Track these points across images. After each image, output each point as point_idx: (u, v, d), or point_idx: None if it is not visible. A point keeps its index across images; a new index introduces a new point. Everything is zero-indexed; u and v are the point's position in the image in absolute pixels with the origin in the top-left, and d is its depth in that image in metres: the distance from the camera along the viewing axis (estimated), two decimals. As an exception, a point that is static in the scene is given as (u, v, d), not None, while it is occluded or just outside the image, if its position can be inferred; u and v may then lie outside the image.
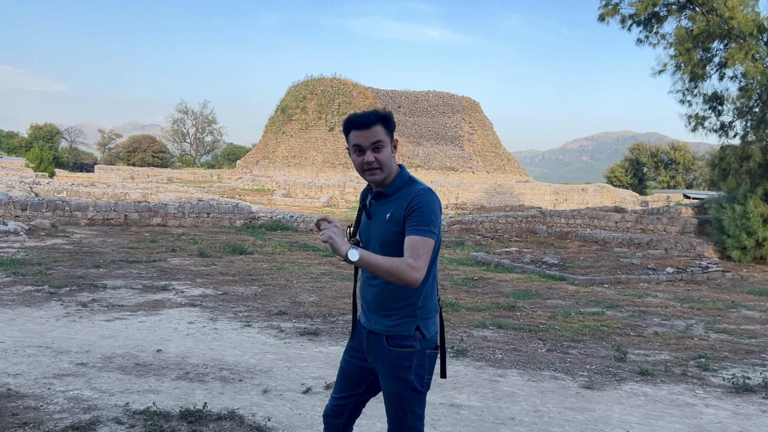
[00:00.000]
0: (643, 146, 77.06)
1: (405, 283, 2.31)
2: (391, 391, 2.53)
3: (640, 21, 16.38)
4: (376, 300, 2.53)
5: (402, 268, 2.29)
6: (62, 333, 6.02)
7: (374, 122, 2.47)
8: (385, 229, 2.47)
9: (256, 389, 4.62)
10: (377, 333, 2.53)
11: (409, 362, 2.47)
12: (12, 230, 14.37)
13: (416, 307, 2.48)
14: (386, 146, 2.48)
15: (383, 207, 2.52)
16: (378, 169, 2.47)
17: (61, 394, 4.33)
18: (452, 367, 5.38)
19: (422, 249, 2.34)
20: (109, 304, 7.49)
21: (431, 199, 2.44)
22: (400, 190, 2.50)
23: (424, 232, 2.37)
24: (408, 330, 2.47)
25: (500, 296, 9.35)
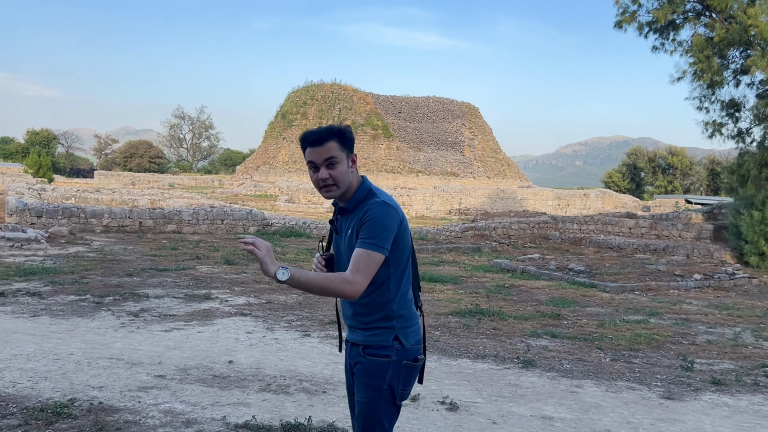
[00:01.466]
0: (640, 151, 77.48)
1: (341, 296, 2.31)
2: (362, 400, 2.50)
3: (658, 28, 16.48)
4: (353, 315, 2.53)
5: (335, 282, 2.29)
6: (126, 344, 5.99)
7: (327, 138, 2.44)
8: (349, 244, 2.47)
9: (343, 401, 4.60)
10: (357, 344, 2.53)
11: (383, 372, 2.44)
12: (33, 238, 14.29)
13: (392, 317, 2.46)
14: (341, 162, 2.44)
15: (347, 222, 2.51)
16: (333, 185, 2.46)
17: (154, 407, 4.31)
18: (527, 378, 5.38)
19: (363, 262, 2.32)
20: (159, 314, 7.45)
21: (384, 212, 2.41)
22: (361, 203, 2.48)
23: (368, 245, 2.35)
24: (385, 340, 2.46)
25: (539, 304, 9.36)
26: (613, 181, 73.75)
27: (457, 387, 5.04)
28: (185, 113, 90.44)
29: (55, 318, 7.00)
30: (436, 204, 40.13)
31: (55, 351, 5.61)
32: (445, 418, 4.33)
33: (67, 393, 4.50)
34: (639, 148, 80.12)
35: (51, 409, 4.13)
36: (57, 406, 4.18)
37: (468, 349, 6.30)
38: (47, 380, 4.77)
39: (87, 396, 4.46)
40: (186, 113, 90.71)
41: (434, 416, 4.36)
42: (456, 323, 7.58)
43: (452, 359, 5.92)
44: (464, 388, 5.01)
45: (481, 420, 4.31)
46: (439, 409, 4.49)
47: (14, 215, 16.89)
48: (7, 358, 5.30)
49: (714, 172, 67.32)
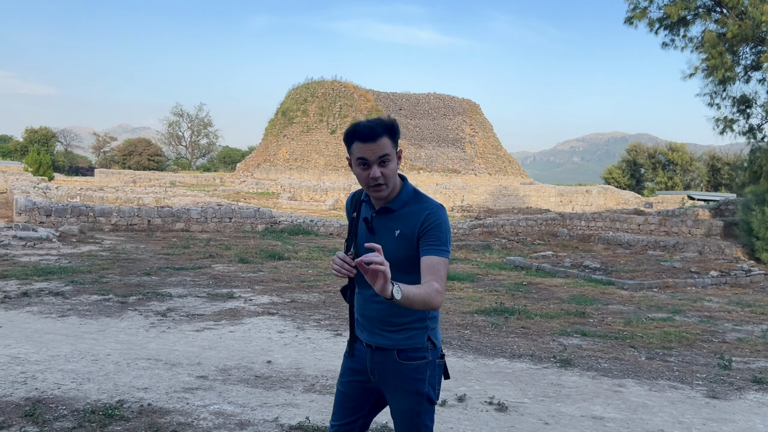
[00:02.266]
0: (640, 147, 77.50)
1: (432, 308, 2.25)
2: (404, 408, 2.41)
3: (668, 25, 16.45)
4: (381, 317, 2.40)
5: (433, 296, 2.20)
6: (161, 344, 5.95)
7: (381, 134, 2.29)
8: (396, 246, 2.34)
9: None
10: (386, 349, 2.40)
11: (423, 374, 2.38)
12: (44, 237, 14.23)
13: (427, 317, 2.41)
14: (393, 159, 2.33)
15: (390, 222, 2.38)
16: (384, 185, 2.33)
17: (203, 408, 4.28)
18: (568, 378, 5.36)
19: (443, 270, 2.28)
20: (186, 313, 7.42)
21: (445, 216, 2.37)
22: (407, 205, 2.38)
23: (442, 252, 2.29)
24: (420, 342, 2.39)
25: (561, 302, 9.34)
26: (613, 177, 73.74)
27: (500, 387, 5.02)
28: (184, 111, 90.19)
29: (83, 318, 6.95)
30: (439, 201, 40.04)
31: (92, 352, 5.57)
32: (495, 419, 4.31)
33: (114, 394, 4.47)
34: (639, 144, 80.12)
35: (101, 410, 4.10)
36: (107, 407, 4.15)
37: (502, 349, 6.27)
38: (90, 381, 4.74)
39: (134, 397, 4.43)
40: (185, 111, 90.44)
41: (485, 417, 4.33)
42: (484, 322, 7.56)
43: (489, 359, 5.89)
44: (508, 388, 4.99)
45: (532, 420, 4.29)
46: (488, 410, 4.47)
47: (23, 214, 16.82)
48: (45, 359, 5.26)
49: (714, 168, 67.40)
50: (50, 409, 4.13)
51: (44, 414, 4.03)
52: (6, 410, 4.08)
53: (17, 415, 4.01)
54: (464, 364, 5.65)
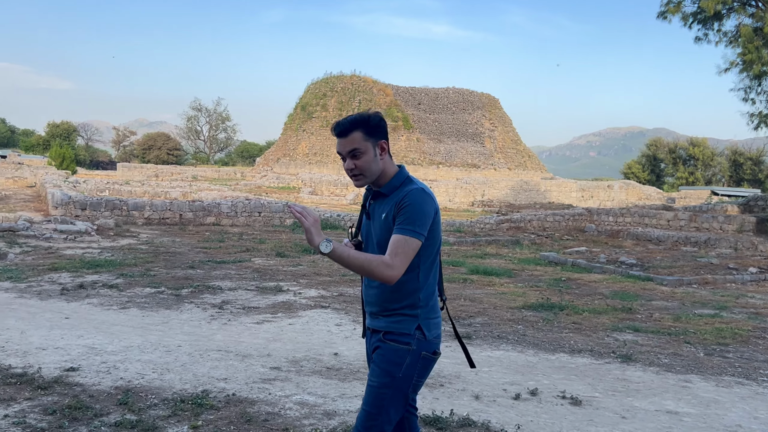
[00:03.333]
0: (660, 142, 76.82)
1: (378, 279, 2.33)
2: (373, 384, 2.48)
3: (702, 19, 16.33)
4: (377, 302, 2.53)
5: (375, 264, 2.31)
6: (227, 336, 6.08)
7: (350, 129, 2.48)
8: (382, 229, 2.48)
9: (464, 395, 4.67)
10: (378, 331, 2.52)
11: (401, 359, 2.43)
12: (84, 230, 14.46)
13: (417, 307, 2.47)
14: (366, 152, 2.47)
15: (381, 207, 2.53)
16: (360, 175, 2.50)
17: (286, 399, 4.39)
18: (632, 373, 5.42)
19: (401, 248, 2.34)
20: (242, 306, 7.55)
21: (422, 199, 2.43)
22: (397, 189, 2.50)
23: (407, 232, 2.36)
24: (408, 328, 2.45)
25: (604, 298, 9.36)
26: (633, 172, 73.18)
27: (568, 382, 5.09)
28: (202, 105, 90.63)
29: (144, 310, 7.11)
30: (459, 196, 40.09)
31: (162, 343, 5.71)
32: (572, 412, 4.38)
33: (196, 384, 4.59)
34: (659, 138, 79.45)
35: (191, 400, 4.22)
36: (195, 397, 4.27)
37: (560, 344, 6.34)
38: (170, 372, 4.87)
39: (216, 387, 4.55)
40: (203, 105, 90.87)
41: (561, 410, 4.41)
42: (534, 317, 7.62)
43: (550, 354, 5.96)
44: (576, 383, 5.06)
45: (609, 414, 4.36)
46: (562, 404, 4.54)
47: (60, 207, 17.09)
48: (120, 350, 5.41)
49: (737, 163, 66.68)
50: (141, 398, 4.27)
51: (137, 402, 4.16)
52: (99, 398, 4.22)
53: (111, 403, 4.15)
54: (527, 359, 5.72)
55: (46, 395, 4.22)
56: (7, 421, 3.78)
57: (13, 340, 5.57)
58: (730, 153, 69.20)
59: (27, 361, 4.97)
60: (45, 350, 5.30)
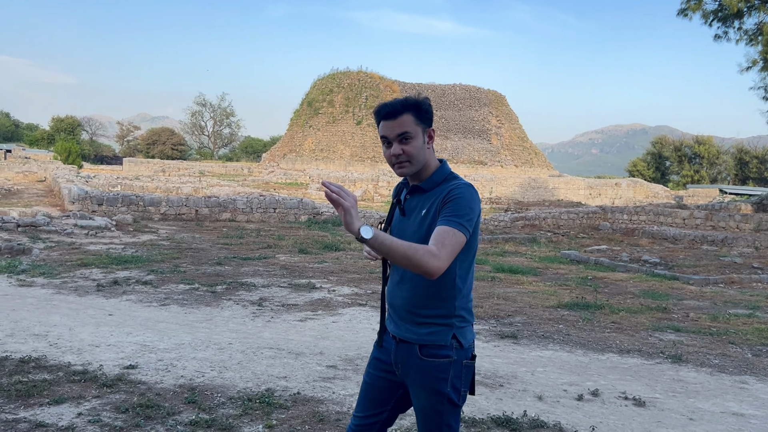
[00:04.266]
0: (665, 140, 76.72)
1: (422, 271, 2.08)
2: (425, 406, 2.31)
3: (722, 17, 16.27)
4: (406, 306, 2.32)
5: (421, 253, 2.06)
6: (274, 334, 6.07)
7: (401, 111, 2.27)
8: (420, 225, 2.28)
9: (526, 395, 4.65)
10: (408, 342, 2.31)
11: (445, 374, 2.27)
12: (103, 226, 14.45)
13: (453, 315, 2.29)
14: (416, 137, 2.27)
15: (419, 203, 2.33)
16: (407, 162, 2.28)
17: (351, 398, 4.37)
18: (686, 374, 5.40)
19: (449, 240, 2.12)
20: (280, 303, 7.54)
21: (470, 194, 2.24)
22: (439, 185, 2.31)
23: (454, 224, 2.15)
24: (444, 339, 2.27)
25: (635, 297, 9.34)
26: (638, 170, 73.11)
27: (625, 382, 5.07)
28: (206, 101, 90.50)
29: (184, 307, 7.09)
30: (467, 193, 40.00)
31: (212, 340, 5.69)
32: (639, 413, 4.36)
33: (258, 383, 4.58)
34: (664, 136, 79.32)
35: (257, 398, 4.21)
36: (261, 396, 4.26)
37: (606, 344, 6.32)
38: (228, 370, 4.85)
39: (278, 386, 4.53)
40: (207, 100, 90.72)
41: (627, 411, 4.39)
42: (572, 316, 7.60)
43: (599, 353, 5.94)
44: (633, 384, 5.04)
45: (675, 416, 4.34)
46: (626, 404, 4.53)
47: (76, 203, 17.08)
48: (173, 348, 5.39)
49: (742, 161, 66.59)
50: (207, 396, 4.25)
51: (204, 401, 4.14)
52: (166, 397, 4.20)
53: (179, 401, 4.13)
54: (578, 359, 5.70)
55: (113, 393, 4.21)
56: (82, 419, 3.77)
57: (64, 337, 5.55)
58: (736, 151, 69.08)
59: (84, 358, 4.96)
60: (98, 347, 5.28)
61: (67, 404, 3.97)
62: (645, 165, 74.79)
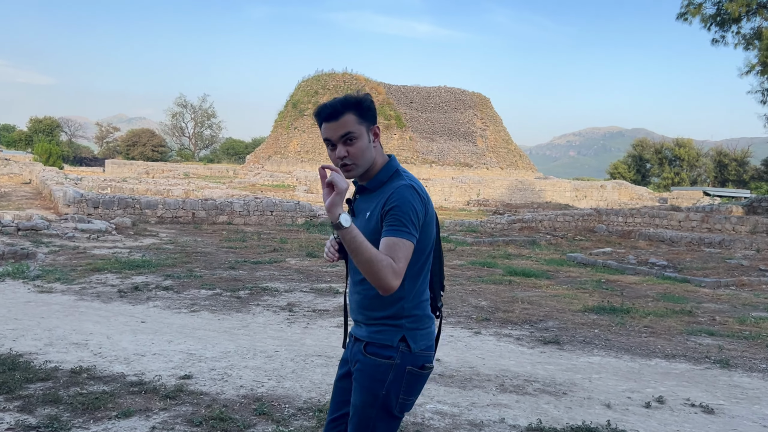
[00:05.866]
0: (646, 142, 77.67)
1: (379, 283, 2.04)
2: (356, 404, 2.25)
3: (720, 21, 16.46)
4: (359, 307, 2.30)
5: (384, 265, 2.01)
6: (316, 341, 5.95)
7: (342, 112, 2.19)
8: (365, 228, 2.18)
9: (593, 403, 4.59)
10: (359, 340, 2.29)
11: (383, 375, 2.20)
12: (104, 229, 14.17)
13: (402, 316, 2.22)
14: (360, 137, 2.20)
15: (366, 204, 2.27)
16: (353, 165, 2.21)
17: (419, 407, 4.27)
18: (740, 379, 5.38)
19: (402, 252, 2.06)
20: (310, 308, 7.41)
21: (411, 196, 2.15)
22: (384, 184, 2.23)
23: (402, 233, 2.09)
24: (390, 339, 2.21)
25: (654, 300, 9.35)
26: (619, 172, 73.90)
27: (684, 388, 5.03)
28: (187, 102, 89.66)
29: (215, 313, 6.93)
30: (455, 195, 40.13)
31: (256, 348, 5.56)
32: (711, 421, 4.33)
33: (321, 392, 4.46)
34: (644, 139, 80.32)
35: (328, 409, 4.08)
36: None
37: (649, 348, 6.29)
38: (285, 379, 4.73)
39: (342, 397, 4.41)
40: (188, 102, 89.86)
41: (699, 419, 4.35)
42: (603, 321, 7.57)
43: (646, 359, 5.91)
44: (692, 390, 5.01)
45: (748, 423, 4.31)
46: (696, 412, 4.49)
47: (72, 206, 16.74)
48: (220, 356, 5.24)
49: (721, 164, 67.64)
50: (275, 407, 4.12)
51: (275, 413, 4.02)
52: (234, 408, 4.07)
53: (249, 413, 4.00)
54: (628, 365, 5.66)
55: (178, 405, 4.06)
56: (158, 433, 3.62)
57: (105, 346, 5.37)
58: (715, 154, 70.18)
59: (134, 368, 4.79)
60: (144, 356, 5.12)
61: (136, 417, 3.82)
62: (626, 167, 75.62)
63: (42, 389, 4.19)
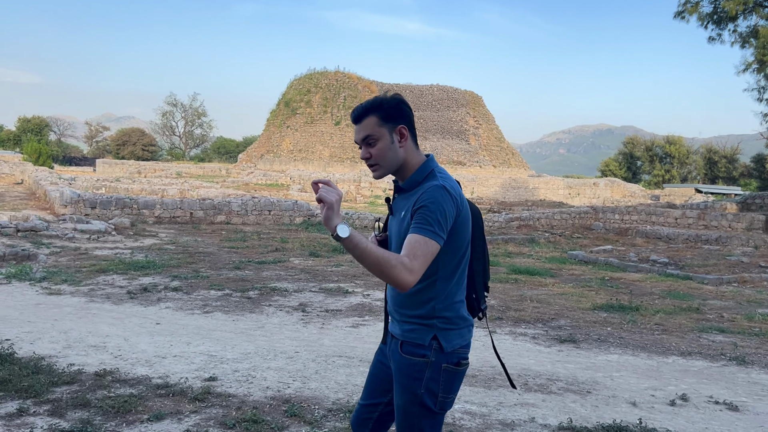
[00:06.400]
0: (637, 140, 78.07)
1: (393, 283, 2.06)
2: (399, 404, 2.29)
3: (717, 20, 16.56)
4: (394, 305, 2.35)
5: (393, 263, 2.03)
6: (334, 341, 5.93)
7: (364, 115, 2.27)
8: (400, 227, 2.26)
9: (618, 401, 4.61)
10: (395, 338, 2.34)
11: (420, 374, 2.23)
12: (103, 230, 14.07)
13: (433, 316, 2.24)
14: (380, 139, 2.25)
15: (402, 203, 2.31)
16: (376, 165, 2.27)
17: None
18: (758, 376, 5.42)
19: (420, 250, 2.08)
20: (323, 308, 7.39)
21: (441, 197, 2.16)
22: (418, 185, 2.26)
23: (425, 232, 2.10)
24: (422, 338, 2.24)
25: (659, 298, 9.40)
26: (610, 169, 74.25)
27: (704, 386, 5.06)
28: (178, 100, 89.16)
29: (229, 314, 6.91)
30: (449, 193, 40.13)
31: (276, 349, 5.53)
32: (737, 419, 4.35)
33: (348, 393, 4.45)
34: (635, 137, 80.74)
35: (358, 411, 4.07)
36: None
37: (664, 346, 6.33)
38: (310, 380, 4.71)
39: (370, 397, 4.41)
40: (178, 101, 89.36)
41: (725, 417, 4.37)
42: (614, 319, 7.60)
43: (663, 357, 5.94)
44: (714, 387, 5.04)
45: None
46: (721, 409, 4.52)
47: (69, 206, 16.62)
48: (241, 357, 5.22)
49: (711, 161, 68.09)
50: (305, 408, 4.11)
51: (306, 414, 4.00)
52: (264, 410, 4.05)
53: (280, 414, 3.98)
54: (646, 363, 5.69)
55: (208, 407, 4.04)
56: (193, 436, 3.60)
57: (124, 348, 5.34)
58: (705, 151, 70.62)
59: (157, 370, 4.76)
60: (165, 359, 5.08)
61: (168, 420, 3.79)
62: (617, 165, 75.95)
63: (69, 392, 4.16)
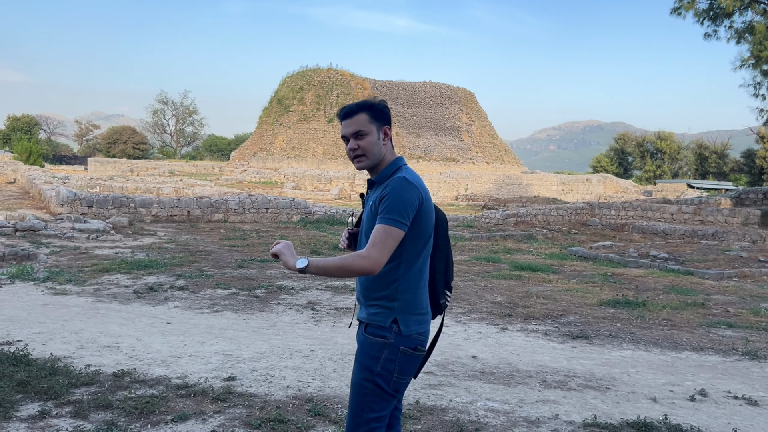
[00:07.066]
0: (628, 136, 78.40)
1: (357, 273, 2.28)
2: (355, 380, 2.44)
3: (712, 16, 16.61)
4: (362, 288, 2.50)
5: (350, 260, 2.26)
6: (348, 340, 5.90)
7: (356, 111, 2.50)
8: (368, 216, 2.46)
9: (638, 397, 4.61)
10: (361, 321, 2.51)
11: (378, 353, 2.38)
12: (102, 229, 13.98)
13: (393, 299, 2.40)
14: (369, 134, 2.47)
15: (372, 196, 2.50)
16: (363, 156, 2.47)
17: (470, 405, 4.26)
18: (772, 369, 5.44)
19: (379, 237, 2.28)
20: (331, 306, 7.36)
21: (402, 186, 2.36)
22: (387, 178, 2.46)
23: (387, 221, 2.30)
24: (383, 321, 2.40)
25: (663, 293, 9.44)
26: (602, 165, 74.54)
27: (721, 381, 5.08)
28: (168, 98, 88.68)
29: (239, 313, 6.87)
30: (443, 190, 40.19)
31: (291, 348, 5.51)
32: (758, 413, 4.37)
33: (369, 393, 4.42)
34: (626, 133, 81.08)
35: (382, 410, 4.06)
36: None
37: (675, 341, 6.34)
38: (330, 379, 4.69)
39: (391, 396, 4.39)
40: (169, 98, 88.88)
41: (746, 412, 4.39)
42: (622, 314, 7.62)
43: (676, 352, 5.96)
44: (730, 382, 5.05)
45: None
46: (741, 404, 4.53)
47: (66, 205, 16.49)
48: (257, 357, 5.19)
49: (702, 156, 68.47)
50: (328, 407, 4.09)
51: (330, 413, 3.98)
52: (288, 410, 4.02)
53: (304, 414, 3.96)
54: (661, 359, 5.70)
55: (231, 407, 4.01)
56: (220, 437, 3.57)
57: (138, 348, 5.29)
58: (696, 147, 70.99)
59: (175, 370, 4.72)
60: (181, 358, 5.05)
61: (192, 421, 3.76)
62: (609, 161, 76.22)
63: (89, 394, 4.11)
